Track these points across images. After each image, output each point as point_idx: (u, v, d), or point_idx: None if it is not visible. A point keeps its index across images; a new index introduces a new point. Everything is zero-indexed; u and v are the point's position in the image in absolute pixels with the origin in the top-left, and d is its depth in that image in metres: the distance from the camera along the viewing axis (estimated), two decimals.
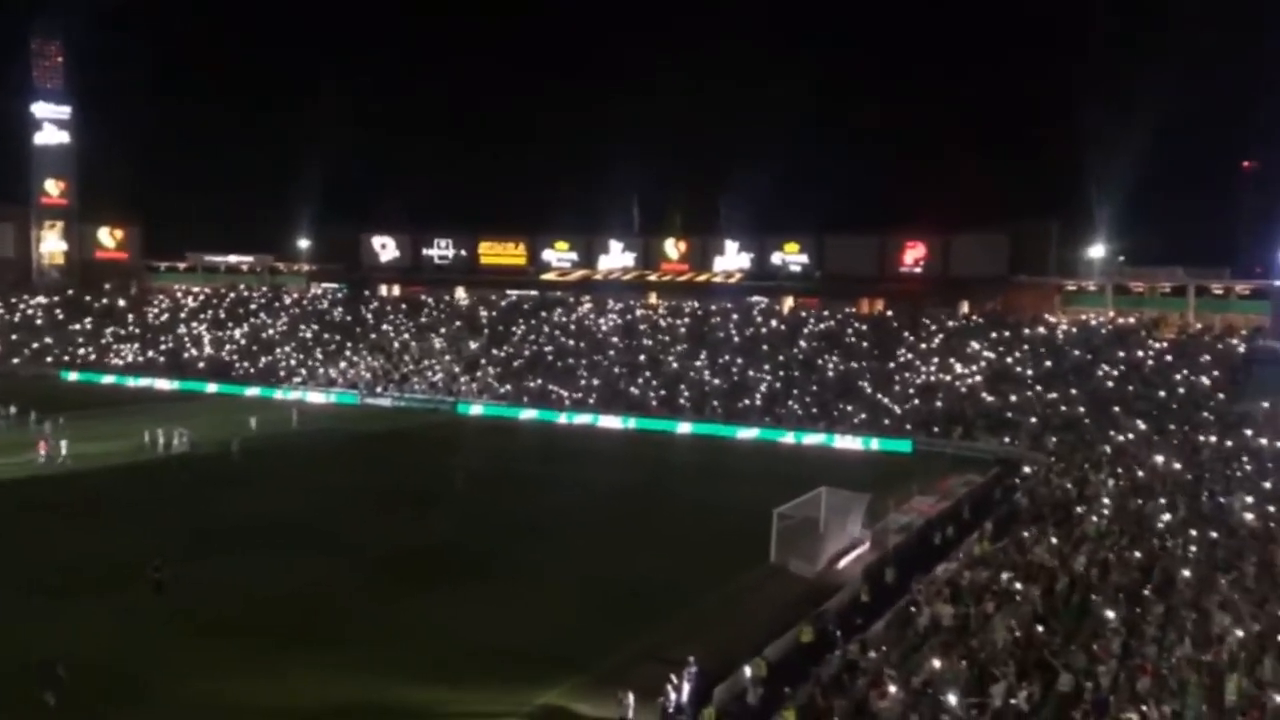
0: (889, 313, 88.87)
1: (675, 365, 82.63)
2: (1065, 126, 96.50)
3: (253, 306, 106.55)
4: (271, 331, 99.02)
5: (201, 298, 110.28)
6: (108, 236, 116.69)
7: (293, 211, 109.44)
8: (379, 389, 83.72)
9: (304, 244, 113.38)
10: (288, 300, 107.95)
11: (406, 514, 44.67)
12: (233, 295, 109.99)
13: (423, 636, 29.20)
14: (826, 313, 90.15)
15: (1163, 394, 64.46)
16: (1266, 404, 55.47)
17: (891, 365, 77.43)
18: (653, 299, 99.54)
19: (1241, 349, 70.28)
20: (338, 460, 59.14)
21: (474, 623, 30.58)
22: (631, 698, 23.49)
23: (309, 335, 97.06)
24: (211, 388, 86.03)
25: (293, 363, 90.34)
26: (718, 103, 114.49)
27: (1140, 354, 72.48)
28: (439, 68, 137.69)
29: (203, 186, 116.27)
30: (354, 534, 40.81)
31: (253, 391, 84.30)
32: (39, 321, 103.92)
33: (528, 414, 76.20)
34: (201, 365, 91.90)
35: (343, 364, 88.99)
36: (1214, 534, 31.09)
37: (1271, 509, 31.91)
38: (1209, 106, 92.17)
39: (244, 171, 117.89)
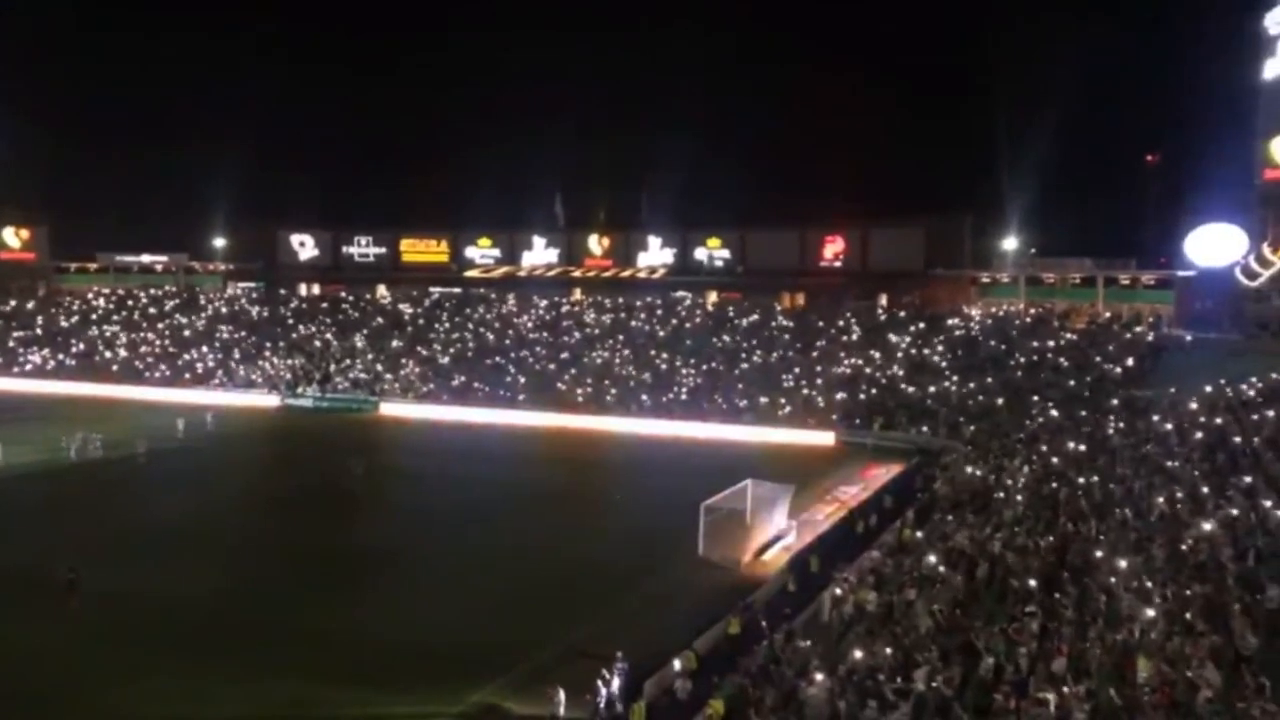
0: (810, 306, 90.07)
1: (600, 361, 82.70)
2: (977, 120, 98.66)
3: (167, 307, 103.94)
4: (187, 333, 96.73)
5: (114, 299, 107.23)
6: (13, 236, 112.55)
7: (207, 209, 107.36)
8: (299, 389, 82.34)
9: (220, 243, 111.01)
10: (203, 300, 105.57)
11: (325, 515, 44.13)
12: (146, 296, 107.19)
13: (346, 638, 28.96)
14: (749, 305, 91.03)
15: (1073, 382, 66.26)
16: (1172, 390, 57.30)
17: (813, 357, 78.46)
18: (577, 295, 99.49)
19: (1150, 337, 72.52)
20: (255, 462, 58.20)
21: (398, 623, 30.39)
22: (562, 694, 23.55)
23: (226, 336, 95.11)
24: (125, 392, 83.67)
25: (210, 364, 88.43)
26: (639, 96, 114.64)
27: (1052, 343, 74.46)
28: (356, 60, 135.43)
29: (114, 184, 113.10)
30: (269, 536, 40.44)
31: (169, 394, 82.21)
32: None
33: (451, 412, 75.57)
34: (115, 368, 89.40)
35: (262, 364, 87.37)
36: (1124, 516, 32.06)
37: (1179, 492, 33.04)
38: (1115, 100, 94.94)
39: (156, 169, 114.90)
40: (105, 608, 30.88)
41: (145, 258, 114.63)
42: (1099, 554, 27.78)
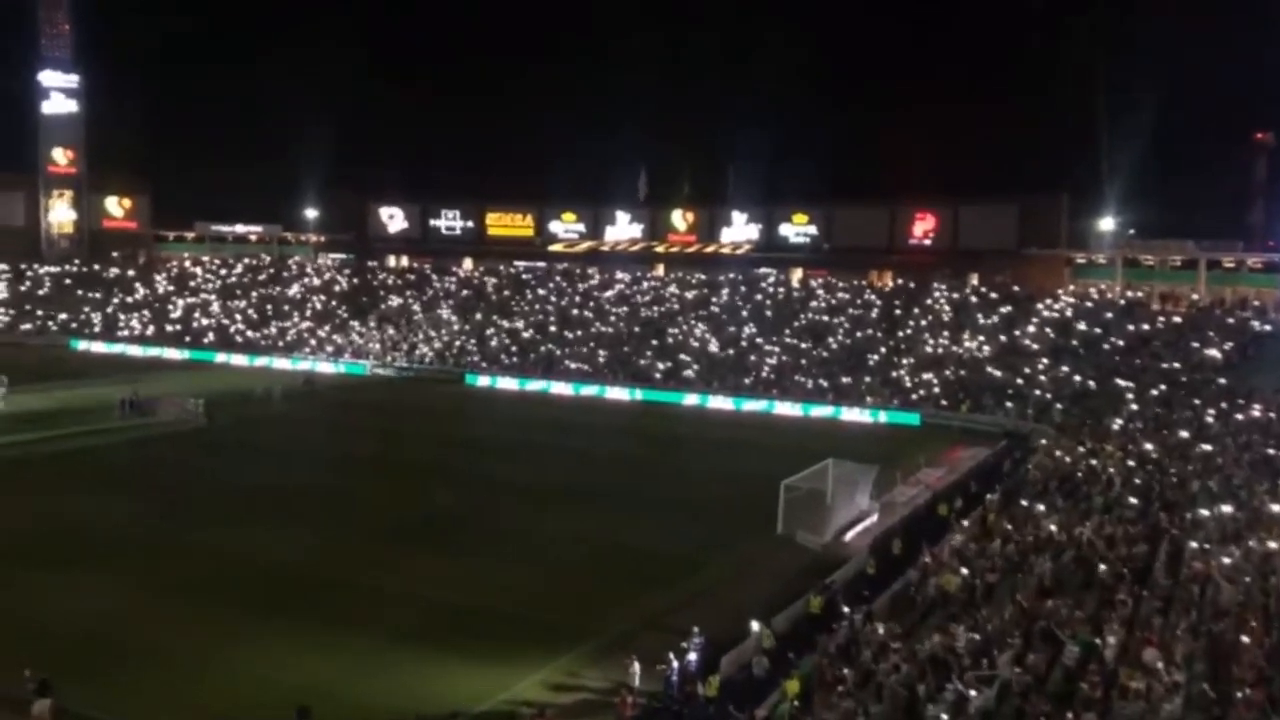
0: (898, 284, 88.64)
1: (682, 337, 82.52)
2: (1077, 96, 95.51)
3: (261, 277, 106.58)
4: (280, 301, 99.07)
5: (210, 267, 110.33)
6: (116, 206, 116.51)
7: (301, 181, 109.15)
8: (387, 359, 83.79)
9: (312, 214, 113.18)
10: (296, 270, 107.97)
11: (409, 482, 44.80)
12: (241, 265, 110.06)
13: (426, 602, 29.35)
14: (835, 283, 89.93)
15: (1171, 368, 64.20)
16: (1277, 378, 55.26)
17: (900, 337, 77.25)
18: (660, 270, 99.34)
19: (1254, 323, 69.86)
20: (340, 430, 59.29)
21: (477, 588, 30.70)
22: (638, 665, 23.59)
23: (317, 305, 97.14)
24: (220, 357, 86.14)
25: (301, 332, 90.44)
26: (726, 72, 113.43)
27: (1149, 327, 72.17)
28: (447, 34, 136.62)
29: (211, 155, 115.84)
30: (357, 502, 41.05)
31: (261, 361, 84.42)
32: (46, 290, 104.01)
33: (534, 384, 76.19)
34: (210, 336, 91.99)
35: (351, 335, 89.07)
36: (1224, 508, 31.04)
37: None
38: (1222, 77, 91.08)
39: (252, 140, 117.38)
40: (204, 563, 31.95)
41: (240, 228, 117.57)
42: (1194, 545, 26.90)
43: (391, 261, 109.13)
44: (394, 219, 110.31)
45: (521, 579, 31.91)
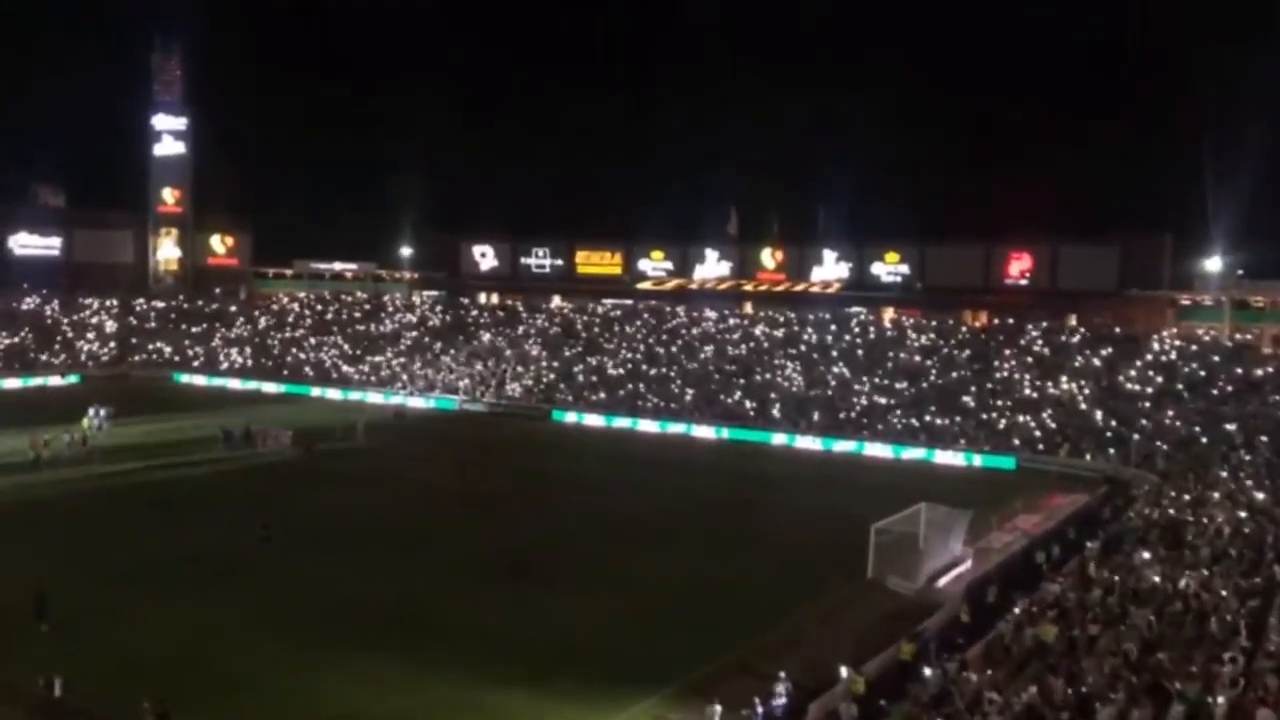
0: (993, 324, 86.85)
1: (770, 376, 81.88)
2: (1183, 133, 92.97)
3: (357, 314, 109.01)
4: (374, 338, 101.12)
5: (308, 304, 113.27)
6: (219, 244, 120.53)
7: (396, 219, 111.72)
8: (476, 394, 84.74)
9: (406, 252, 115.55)
10: (390, 308, 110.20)
11: (495, 516, 45.05)
12: (338, 302, 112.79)
13: (508, 640, 29.23)
14: (927, 322, 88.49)
15: None
16: None
17: (996, 378, 75.53)
18: (748, 308, 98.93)
19: None
20: (429, 462, 59.93)
21: (563, 628, 30.50)
22: (719, 709, 23.13)
23: (410, 342, 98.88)
24: (315, 391, 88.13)
25: (395, 368, 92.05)
26: (819, 109, 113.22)
27: (1259, 372, 69.37)
28: (541, 74, 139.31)
29: (310, 195, 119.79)
30: (442, 535, 41.41)
31: (355, 395, 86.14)
32: (152, 324, 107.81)
33: (621, 421, 76.21)
34: (308, 370, 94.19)
35: (441, 370, 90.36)
36: None
37: None
38: None
39: (348, 180, 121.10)
40: (292, 590, 32.55)
41: (337, 265, 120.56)
42: None
43: (483, 299, 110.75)
44: (485, 257, 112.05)
45: (608, 618, 31.69)
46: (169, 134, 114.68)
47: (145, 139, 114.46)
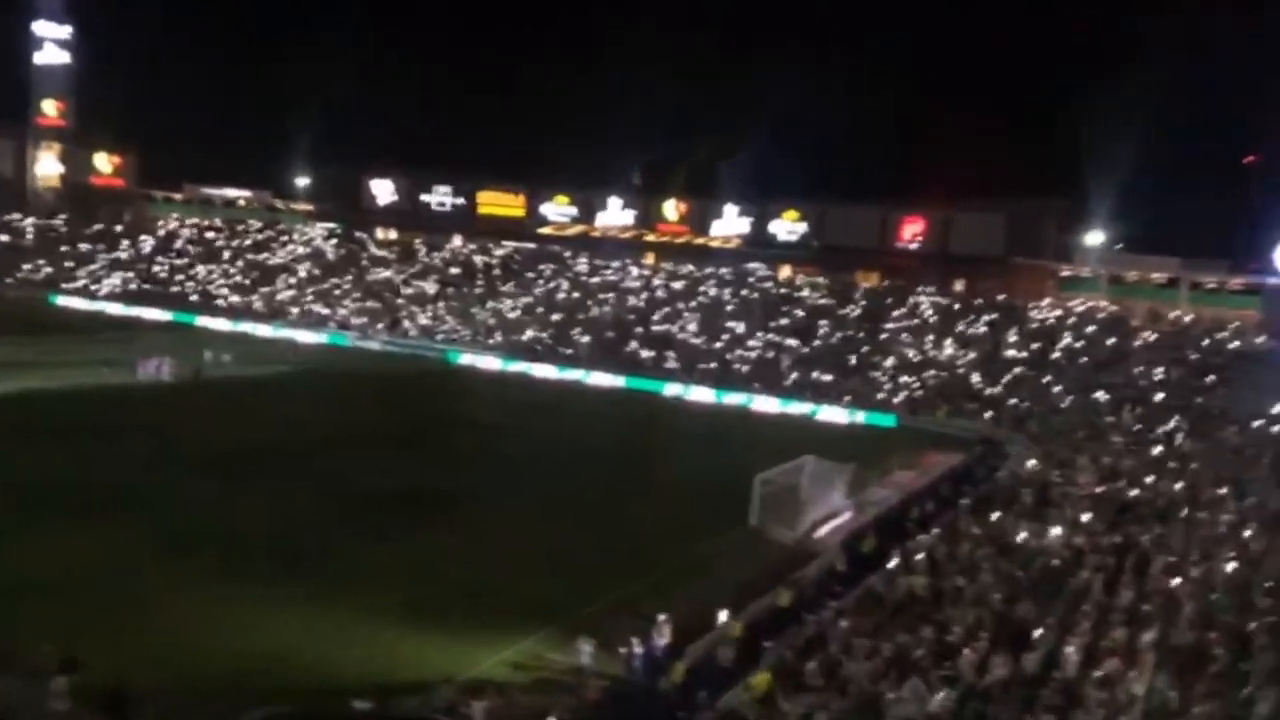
0: (885, 285, 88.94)
1: (667, 326, 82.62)
2: (1070, 107, 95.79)
3: (248, 242, 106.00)
4: (266, 268, 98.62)
5: (197, 230, 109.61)
6: (104, 162, 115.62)
7: (293, 147, 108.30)
8: (370, 332, 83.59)
9: (303, 182, 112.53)
10: (283, 238, 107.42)
11: (385, 455, 44.75)
12: (228, 229, 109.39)
13: (396, 577, 29.30)
14: (822, 281, 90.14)
15: (1149, 385, 64.72)
16: (1250, 400, 55.79)
17: (883, 339, 77.59)
18: (650, 259, 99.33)
19: (1234, 344, 70.44)
20: (321, 398, 59.12)
21: (447, 567, 30.69)
22: (589, 647, 23.70)
23: (304, 274, 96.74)
24: (202, 320, 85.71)
25: (286, 300, 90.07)
26: (723, 65, 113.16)
27: (1130, 343, 72.67)
28: (452, 12, 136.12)
29: (202, 116, 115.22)
30: (331, 472, 40.92)
31: (244, 326, 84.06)
32: (28, 241, 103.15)
33: (517, 365, 76.13)
34: (194, 298, 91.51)
35: (336, 305, 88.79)
36: (1191, 521, 31.41)
37: (1250, 502, 32.29)
38: (1216, 96, 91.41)
39: (244, 103, 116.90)
40: (179, 523, 32.02)
41: (230, 191, 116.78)
42: (1164, 559, 27.21)
43: (380, 234, 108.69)
44: (384, 191, 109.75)
45: (494, 558, 31.95)
46: (51, 41, 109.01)
47: (26, 46, 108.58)
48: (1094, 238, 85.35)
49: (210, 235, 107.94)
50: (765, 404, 68.28)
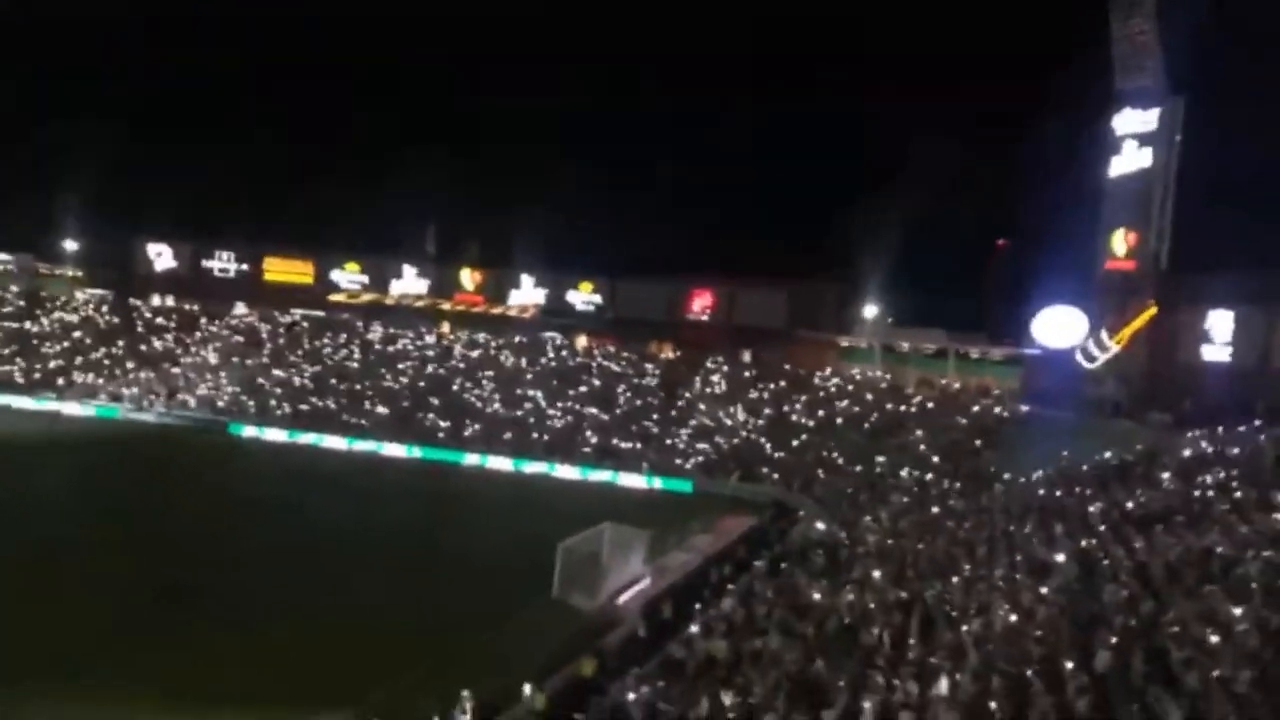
0: (679, 356, 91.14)
1: (465, 396, 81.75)
2: (846, 203, 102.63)
3: (8, 310, 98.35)
4: (29, 337, 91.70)
5: None
6: None
7: (59, 210, 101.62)
8: (145, 404, 78.83)
9: (71, 246, 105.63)
10: (49, 304, 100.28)
11: (159, 542, 41.93)
12: None
13: (179, 677, 27.50)
14: (617, 351, 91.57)
15: (925, 448, 68.59)
16: (1015, 461, 59.83)
17: (678, 407, 79.30)
18: (445, 328, 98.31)
19: (997, 410, 75.66)
20: (89, 478, 55.08)
21: (233, 665, 28.87)
22: None
23: (69, 344, 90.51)
24: None
25: (51, 371, 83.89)
26: (514, 139, 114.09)
27: (905, 409, 77.03)
28: (231, 73, 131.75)
29: None
30: (97, 563, 37.99)
31: (2, 399, 77.66)
32: None
33: (306, 437, 73.39)
34: None
35: (105, 376, 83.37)
36: (969, 576, 33.14)
37: (1019, 557, 34.40)
38: (971, 189, 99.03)
39: (5, 163, 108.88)
40: None
41: None
42: (947, 612, 28.61)
43: (157, 301, 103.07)
44: (162, 256, 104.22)
45: (276, 651, 30.15)
46: None
47: None
48: (869, 311, 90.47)
49: None
50: (566, 472, 68.33)
